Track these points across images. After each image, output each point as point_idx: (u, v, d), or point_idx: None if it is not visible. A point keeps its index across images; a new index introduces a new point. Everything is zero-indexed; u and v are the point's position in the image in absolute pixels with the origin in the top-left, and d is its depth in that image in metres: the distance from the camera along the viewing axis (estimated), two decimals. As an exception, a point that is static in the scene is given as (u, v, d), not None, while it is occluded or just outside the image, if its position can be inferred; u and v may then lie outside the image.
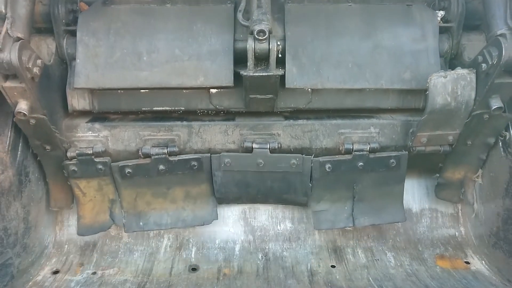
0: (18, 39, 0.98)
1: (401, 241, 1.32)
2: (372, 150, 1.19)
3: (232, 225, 1.35)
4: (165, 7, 1.20)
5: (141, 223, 1.25)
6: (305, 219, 1.35)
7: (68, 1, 1.19)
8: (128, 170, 1.20)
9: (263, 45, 1.02)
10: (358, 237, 1.33)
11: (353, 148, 1.19)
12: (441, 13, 1.23)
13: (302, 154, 1.20)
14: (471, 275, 1.19)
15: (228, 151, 1.22)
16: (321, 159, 1.21)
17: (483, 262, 1.23)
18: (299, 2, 1.20)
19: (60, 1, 1.17)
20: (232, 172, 1.22)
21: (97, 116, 1.22)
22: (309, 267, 1.22)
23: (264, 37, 1.01)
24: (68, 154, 1.17)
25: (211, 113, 1.25)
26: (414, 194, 1.38)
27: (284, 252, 1.28)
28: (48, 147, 1.17)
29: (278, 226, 1.34)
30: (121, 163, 1.19)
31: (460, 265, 1.23)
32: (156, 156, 1.18)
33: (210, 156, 1.21)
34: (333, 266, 1.23)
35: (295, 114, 1.25)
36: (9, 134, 1.12)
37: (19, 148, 1.16)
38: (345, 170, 1.22)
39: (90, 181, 1.21)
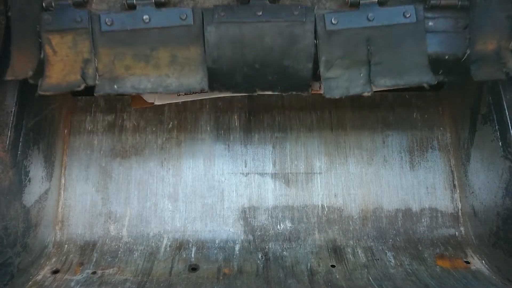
0: None
1: (401, 240, 1.32)
2: (381, 2, 1.05)
3: (232, 225, 1.35)
4: None
5: (115, 86, 1.07)
6: (305, 219, 1.36)
7: None
8: (108, 20, 1.05)
9: None
10: (358, 237, 1.33)
11: (359, 1, 1.05)
12: None
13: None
14: (471, 274, 1.19)
15: None
16: (325, 12, 1.07)
17: (483, 261, 1.23)
18: None
19: None
20: (227, 25, 1.06)
21: None
22: (309, 267, 1.22)
23: None
24: (44, 3, 1.05)
25: None
26: (414, 194, 1.38)
27: (284, 252, 1.28)
28: None
29: (278, 225, 1.34)
30: (102, 13, 1.06)
31: (460, 264, 1.23)
32: (142, 5, 1.05)
33: (202, 11, 1.06)
34: (333, 266, 1.23)
35: None
36: (9, 134, 1.12)
37: (19, 147, 1.16)
38: (354, 24, 1.06)
39: (64, 36, 1.06)
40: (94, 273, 1.20)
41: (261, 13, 1.05)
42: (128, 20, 1.06)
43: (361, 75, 1.07)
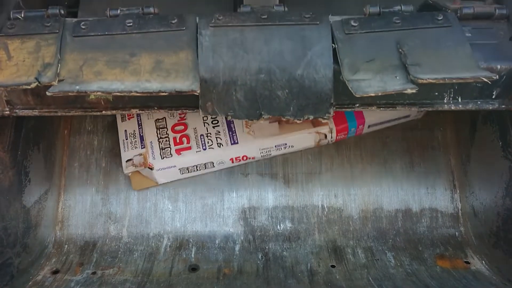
0: None
1: (401, 241, 1.31)
2: (406, 11, 0.92)
3: (232, 225, 1.34)
4: None
5: (77, 87, 0.84)
6: (305, 219, 1.35)
7: None
8: (84, 24, 0.89)
9: None
10: (358, 237, 1.33)
11: (380, 10, 0.92)
12: None
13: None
14: (471, 275, 1.19)
15: None
16: (343, 16, 0.91)
17: (483, 262, 1.23)
18: None
19: None
20: (226, 30, 0.87)
21: None
22: (309, 267, 1.22)
23: None
24: (12, 14, 0.91)
25: None
26: (414, 194, 1.38)
27: (284, 252, 1.28)
28: None
29: (278, 226, 1.34)
30: (77, 19, 0.92)
31: (460, 265, 1.22)
32: (127, 12, 0.91)
33: (197, 15, 0.90)
34: (333, 266, 1.23)
35: None
36: (9, 134, 1.12)
37: (19, 148, 1.16)
38: (378, 27, 0.90)
39: (26, 41, 0.89)
40: (94, 273, 1.20)
41: (266, 16, 0.90)
42: (108, 25, 0.91)
43: (397, 78, 0.86)
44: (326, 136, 1.32)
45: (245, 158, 1.31)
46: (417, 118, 1.42)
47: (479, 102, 0.91)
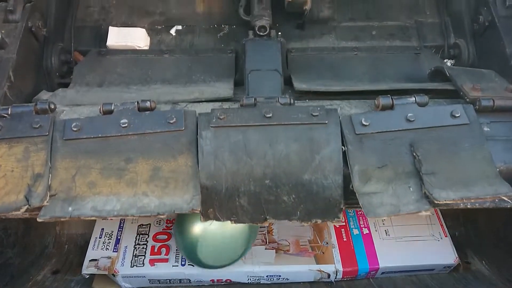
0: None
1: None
2: (421, 104, 0.86)
3: (232, 225, 1.34)
4: (163, 57, 1.15)
5: (70, 208, 0.79)
6: (305, 219, 1.35)
7: (62, 52, 1.16)
8: (75, 125, 0.82)
9: None
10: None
11: (393, 103, 0.86)
12: (450, 62, 1.19)
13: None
14: (471, 275, 1.19)
15: None
16: (353, 111, 0.88)
17: (483, 262, 1.23)
18: (302, 51, 1.17)
19: (53, 52, 1.13)
20: (227, 130, 0.82)
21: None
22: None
23: (265, 33, 1.01)
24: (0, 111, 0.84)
25: None
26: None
27: None
28: None
29: (278, 226, 1.34)
30: (68, 117, 0.87)
31: (460, 265, 1.22)
32: (121, 108, 0.85)
33: (196, 113, 0.85)
34: (333, 266, 1.22)
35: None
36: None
37: None
38: (391, 126, 0.84)
39: (14, 146, 0.82)
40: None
41: (271, 114, 0.83)
42: (101, 125, 0.84)
43: (411, 189, 0.81)
44: (329, 276, 1.13)
45: (228, 281, 1.13)
46: None
47: (497, 200, 0.84)
